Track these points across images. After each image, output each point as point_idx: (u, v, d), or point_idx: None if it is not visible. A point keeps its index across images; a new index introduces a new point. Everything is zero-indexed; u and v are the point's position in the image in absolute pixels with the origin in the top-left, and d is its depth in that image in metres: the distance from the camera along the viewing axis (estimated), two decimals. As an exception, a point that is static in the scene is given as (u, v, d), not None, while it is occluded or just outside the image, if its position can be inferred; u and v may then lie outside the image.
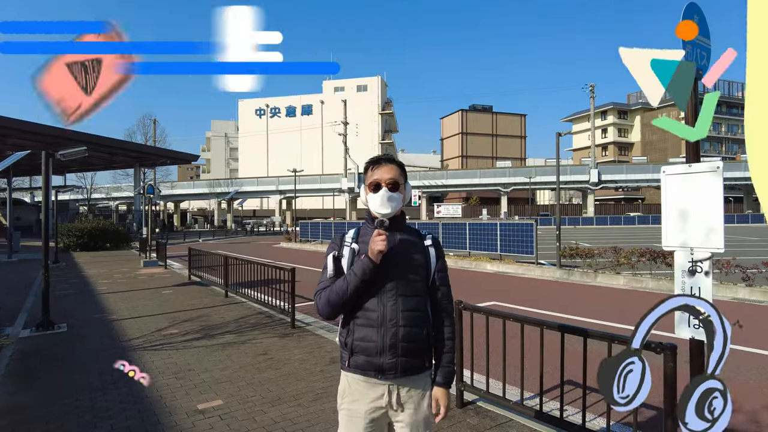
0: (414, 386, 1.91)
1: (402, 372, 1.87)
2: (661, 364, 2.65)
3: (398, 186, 1.98)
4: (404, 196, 2.01)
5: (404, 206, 2.03)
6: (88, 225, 23.52)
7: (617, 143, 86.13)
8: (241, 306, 8.55)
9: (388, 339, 1.86)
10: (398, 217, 2.00)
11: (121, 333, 6.63)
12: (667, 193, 2.36)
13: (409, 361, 1.87)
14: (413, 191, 46.41)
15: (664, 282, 10.51)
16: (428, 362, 1.96)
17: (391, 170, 1.97)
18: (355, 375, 1.91)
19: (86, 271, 14.33)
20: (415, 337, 1.88)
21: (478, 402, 3.98)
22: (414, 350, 1.88)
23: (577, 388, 4.15)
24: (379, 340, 1.86)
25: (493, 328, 3.85)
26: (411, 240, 1.99)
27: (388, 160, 2.01)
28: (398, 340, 1.86)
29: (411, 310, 1.89)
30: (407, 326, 1.87)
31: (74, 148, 9.29)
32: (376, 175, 1.97)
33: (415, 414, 1.90)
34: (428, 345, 1.95)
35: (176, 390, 4.40)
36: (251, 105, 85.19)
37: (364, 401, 1.89)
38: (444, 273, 2.04)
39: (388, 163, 2.00)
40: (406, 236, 1.99)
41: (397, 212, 1.99)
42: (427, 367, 1.96)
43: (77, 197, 59.13)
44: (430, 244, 2.01)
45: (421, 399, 1.92)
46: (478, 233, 16.06)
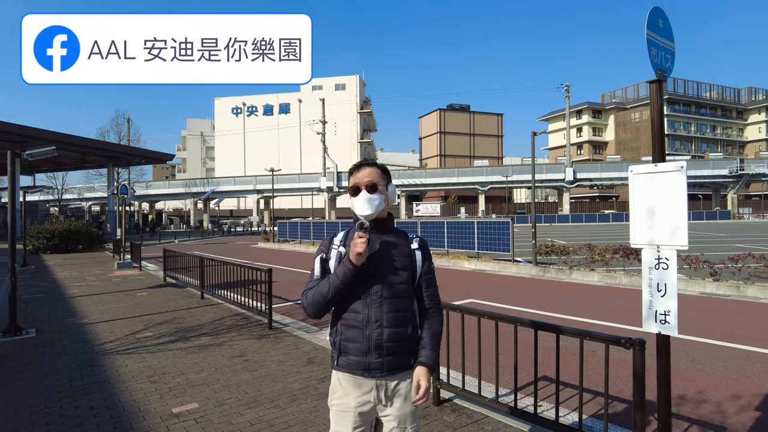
0: (402, 384, 1.97)
1: (388, 371, 1.93)
2: (630, 359, 2.71)
3: (377, 187, 1.98)
4: (386, 197, 2.01)
5: (388, 208, 2.04)
6: (59, 226, 22.87)
7: (592, 142, 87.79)
8: (218, 308, 8.44)
9: (373, 340, 1.91)
10: (384, 219, 2.03)
11: (93, 337, 6.48)
12: (635, 192, 2.43)
13: (394, 360, 1.92)
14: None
15: (637, 278, 10.75)
16: (414, 359, 1.98)
17: (370, 173, 1.99)
18: (344, 373, 1.98)
19: (57, 274, 13.95)
20: (400, 337, 1.92)
21: (455, 399, 4.02)
22: (399, 349, 1.93)
23: (552, 383, 4.23)
24: (364, 341, 1.92)
25: (469, 326, 3.89)
26: (397, 242, 2.00)
27: (368, 164, 2.04)
28: (383, 341, 1.90)
29: (395, 312, 1.92)
30: (391, 327, 1.91)
31: (42, 148, 9.02)
32: (356, 179, 2.01)
33: (402, 408, 1.96)
34: (414, 343, 1.97)
35: (150, 394, 4.33)
36: (228, 103, 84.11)
37: (353, 396, 1.96)
38: (431, 275, 2.06)
39: (367, 167, 2.02)
40: (392, 239, 2.00)
41: (382, 214, 2.01)
42: (412, 367, 1.97)
43: (48, 198, 57.45)
44: (416, 248, 2.01)
45: (407, 393, 1.96)
46: (456, 232, 16.19)
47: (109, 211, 36.68)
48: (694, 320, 7.08)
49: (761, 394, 4.30)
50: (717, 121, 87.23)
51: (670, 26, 2.47)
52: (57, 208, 52.37)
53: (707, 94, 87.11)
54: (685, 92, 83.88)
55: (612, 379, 4.41)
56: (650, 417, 3.49)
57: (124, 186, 19.98)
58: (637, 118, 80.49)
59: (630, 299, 8.94)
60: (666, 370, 2.46)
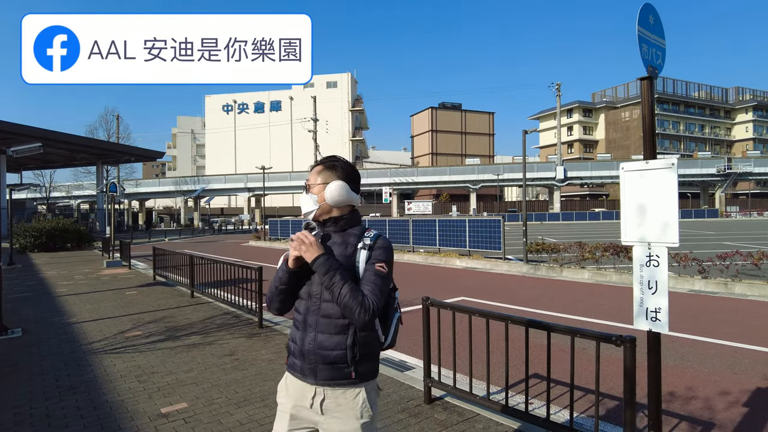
0: (343, 397, 1.82)
1: (321, 379, 1.81)
2: (621, 356, 2.71)
3: (310, 188, 1.94)
4: (323, 195, 1.90)
5: (341, 205, 1.91)
6: (47, 225, 22.58)
7: (582, 141, 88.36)
8: (208, 306, 8.38)
9: (306, 344, 1.83)
10: (336, 218, 1.92)
11: (81, 336, 6.39)
12: (626, 190, 2.42)
13: (328, 369, 1.80)
14: (385, 188, 45.93)
15: (627, 275, 10.82)
16: (357, 375, 1.81)
17: (313, 173, 1.97)
18: (288, 374, 1.95)
19: (45, 273, 13.77)
20: (334, 346, 1.79)
21: (446, 397, 4.01)
22: (333, 359, 1.79)
23: (543, 381, 4.24)
24: (299, 343, 1.86)
25: (460, 324, 3.88)
26: (346, 242, 1.89)
27: (317, 163, 1.99)
28: (314, 347, 1.81)
29: (331, 317, 1.81)
30: (325, 333, 1.80)
31: (28, 145, 8.89)
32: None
33: (341, 425, 1.81)
34: (352, 355, 1.79)
35: (139, 394, 4.27)
36: (218, 101, 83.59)
37: (292, 398, 1.89)
38: (372, 274, 1.81)
39: (315, 166, 1.98)
40: (342, 238, 1.90)
41: (332, 212, 1.91)
42: (355, 380, 1.81)
43: (35, 196, 56.70)
44: (361, 246, 1.86)
45: (352, 412, 1.81)
46: (448, 230, 16.21)
47: (98, 209, 36.31)
48: (683, 317, 7.13)
49: (749, 390, 4.34)
50: (705, 120, 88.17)
51: (660, 23, 2.47)
52: (45, 206, 51.75)
53: (696, 94, 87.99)
54: (675, 92, 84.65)
55: (602, 376, 4.44)
56: (640, 414, 3.50)
57: (114, 184, 19.73)
58: (627, 117, 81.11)
59: (620, 297, 9.00)
60: (657, 367, 2.46)
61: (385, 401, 4.00)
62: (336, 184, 1.90)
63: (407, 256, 16.86)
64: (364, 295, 1.74)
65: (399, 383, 4.42)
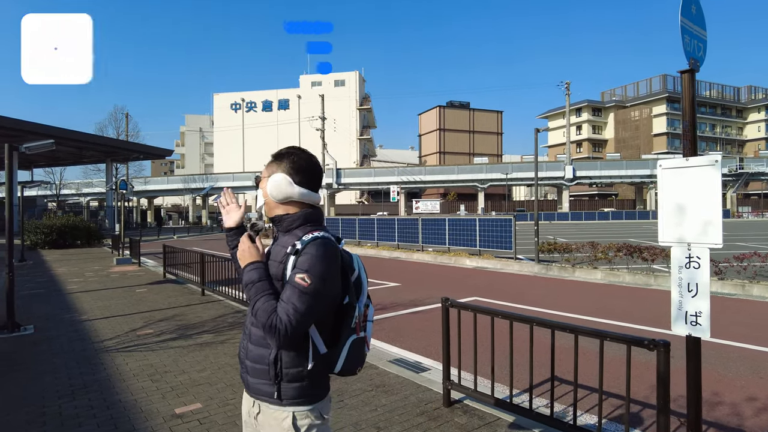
0: (273, 417, 1.63)
1: (253, 391, 1.67)
2: (645, 359, 2.60)
3: (262, 180, 1.77)
4: (265, 191, 1.73)
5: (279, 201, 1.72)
6: (58, 221, 22.72)
7: (591, 140, 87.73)
8: (219, 304, 8.33)
9: (241, 351, 1.74)
10: (280, 217, 1.74)
11: (92, 334, 6.36)
12: (663, 188, 2.31)
13: (256, 383, 1.65)
14: (392, 187, 45.80)
15: (641, 276, 10.67)
16: (279, 395, 1.60)
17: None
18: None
19: (55, 270, 13.82)
20: (259, 359, 1.63)
21: (465, 400, 3.91)
22: (259, 372, 1.64)
23: (565, 385, 4.13)
24: (240, 350, 1.76)
25: (471, 324, 3.78)
26: (284, 246, 1.68)
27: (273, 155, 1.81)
28: (245, 356, 1.70)
29: (258, 327, 1.62)
30: (252, 344, 1.66)
31: (41, 141, 8.88)
32: None
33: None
34: (274, 372, 1.59)
35: (152, 393, 4.22)
36: (226, 99, 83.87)
37: (244, 404, 1.77)
38: (289, 287, 1.54)
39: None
40: (285, 241, 1.70)
41: (277, 209, 1.74)
42: (279, 401, 1.61)
43: (46, 193, 57.13)
44: (290, 252, 1.62)
45: (272, 429, 1.64)
46: (458, 229, 16.08)
47: (108, 207, 36.49)
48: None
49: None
50: (717, 119, 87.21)
51: (702, 13, 2.36)
52: (55, 204, 52.15)
53: (707, 93, 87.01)
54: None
55: (622, 378, 4.32)
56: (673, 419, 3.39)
57: (123, 181, 19.81)
58: (636, 116, 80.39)
59: (634, 297, 8.85)
60: (696, 374, 2.35)
61: (403, 404, 3.92)
62: (274, 178, 1.71)
63: (416, 255, 16.76)
64: (276, 315, 1.51)
65: (416, 385, 4.33)
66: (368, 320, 1.76)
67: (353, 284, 1.72)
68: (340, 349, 1.64)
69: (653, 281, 10.41)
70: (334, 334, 1.66)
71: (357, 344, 1.67)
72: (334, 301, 1.63)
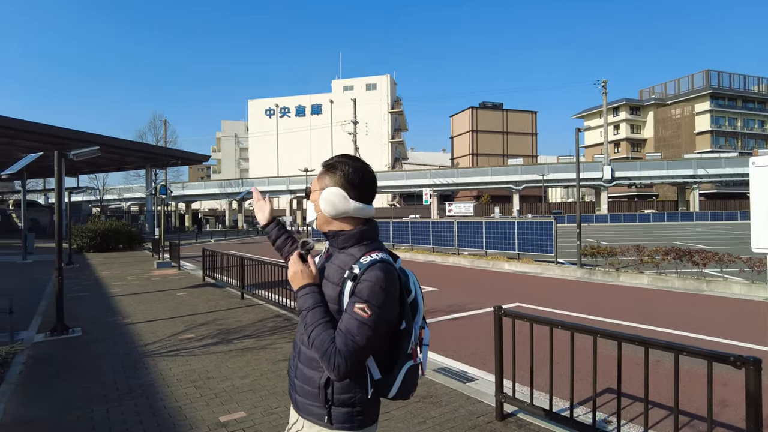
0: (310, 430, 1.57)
1: (301, 410, 1.59)
2: (741, 380, 2.36)
3: (312, 192, 1.66)
4: (317, 204, 1.62)
5: (338, 216, 1.61)
6: (101, 226, 23.51)
7: (630, 140, 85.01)
8: (258, 308, 8.33)
9: (291, 368, 1.67)
10: (336, 233, 1.62)
11: (136, 337, 6.43)
12: (757, 188, 2.07)
13: (304, 403, 1.57)
14: (425, 190, 45.66)
15: (691, 281, 10.12)
16: (330, 419, 1.52)
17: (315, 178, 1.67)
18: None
19: (99, 273, 14.22)
20: (308, 381, 1.56)
21: (519, 414, 3.70)
22: (307, 393, 1.56)
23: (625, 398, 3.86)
24: (289, 365, 1.70)
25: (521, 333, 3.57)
26: (342, 266, 1.56)
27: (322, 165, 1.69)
28: (294, 374, 1.63)
29: (308, 348, 1.56)
30: (302, 363, 1.59)
31: (88, 148, 9.12)
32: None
33: None
34: (324, 396, 1.51)
35: (196, 400, 4.17)
36: (261, 105, 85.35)
37: (291, 416, 1.70)
38: (348, 317, 1.45)
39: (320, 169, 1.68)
40: (340, 260, 1.59)
41: (331, 224, 1.62)
42: (329, 425, 1.52)
43: (90, 198, 59.49)
44: (347, 276, 1.51)
45: None
46: (495, 232, 15.73)
47: (148, 211, 37.57)
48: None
49: None
50: (766, 115, 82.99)
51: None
52: (99, 208, 54.16)
53: (755, 88, 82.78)
54: (731, 86, 79.90)
55: (689, 395, 4.01)
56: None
57: (163, 186, 20.32)
58: (678, 114, 77.39)
59: (686, 304, 8.38)
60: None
61: (453, 416, 3.74)
62: (328, 192, 1.59)
63: (452, 259, 16.48)
64: (334, 347, 1.43)
65: (465, 397, 4.14)
66: (424, 344, 1.64)
67: (410, 305, 1.60)
68: (395, 375, 1.54)
69: (705, 286, 9.86)
70: (390, 359, 1.56)
71: (412, 371, 1.58)
72: (389, 326, 1.51)
